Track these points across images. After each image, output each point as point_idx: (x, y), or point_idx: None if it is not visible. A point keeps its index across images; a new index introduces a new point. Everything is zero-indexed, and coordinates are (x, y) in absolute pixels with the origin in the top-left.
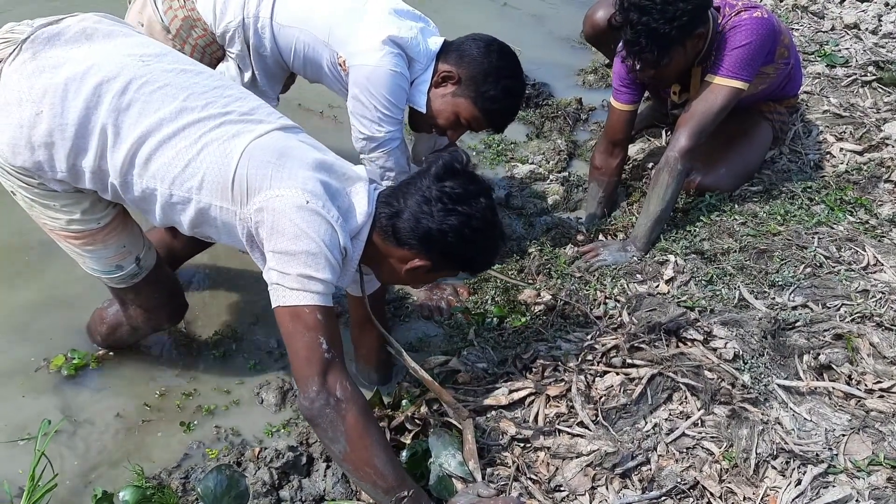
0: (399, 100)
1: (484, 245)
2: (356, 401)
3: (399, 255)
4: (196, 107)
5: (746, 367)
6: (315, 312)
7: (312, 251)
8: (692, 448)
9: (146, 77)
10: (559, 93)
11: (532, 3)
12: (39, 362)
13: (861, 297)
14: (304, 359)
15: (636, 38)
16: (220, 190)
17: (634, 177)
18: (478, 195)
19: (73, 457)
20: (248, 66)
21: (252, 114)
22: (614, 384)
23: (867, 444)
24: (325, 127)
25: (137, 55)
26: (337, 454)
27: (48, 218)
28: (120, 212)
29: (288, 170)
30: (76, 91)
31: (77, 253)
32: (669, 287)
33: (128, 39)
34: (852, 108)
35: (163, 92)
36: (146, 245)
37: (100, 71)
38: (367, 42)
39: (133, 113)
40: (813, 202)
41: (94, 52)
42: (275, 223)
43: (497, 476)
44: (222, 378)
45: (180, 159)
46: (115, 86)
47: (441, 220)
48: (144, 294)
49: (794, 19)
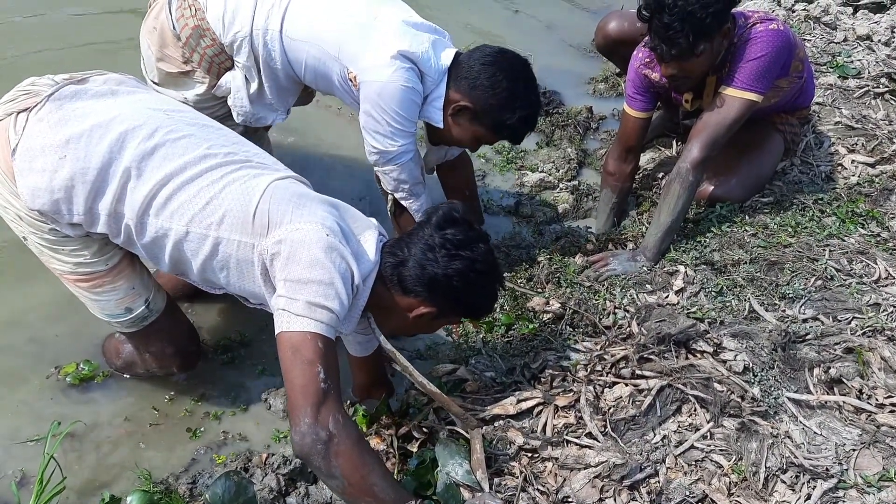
0: (411, 114)
1: (487, 289)
2: (349, 432)
3: (405, 304)
4: (219, 154)
5: (756, 380)
6: (317, 340)
7: (325, 281)
8: (701, 461)
9: (171, 126)
10: (570, 101)
11: (544, 11)
12: (50, 368)
13: (872, 311)
14: (300, 387)
15: (671, 22)
16: (241, 224)
17: (644, 186)
18: (478, 241)
19: (82, 460)
20: (255, 76)
21: (272, 165)
22: (623, 395)
23: (878, 460)
24: (340, 122)
25: (162, 109)
26: (335, 489)
27: (58, 262)
28: (128, 253)
29: (308, 207)
30: (101, 137)
31: (87, 297)
32: (679, 298)
33: (151, 97)
34: (864, 120)
35: (187, 140)
36: (155, 287)
37: (125, 120)
38: (378, 58)
39: (157, 157)
40: (824, 214)
41: (120, 105)
42: (292, 253)
43: (504, 486)
44: (230, 383)
45: (201, 197)
46: (140, 132)
47: (446, 266)
48: (154, 341)
49: (807, 30)
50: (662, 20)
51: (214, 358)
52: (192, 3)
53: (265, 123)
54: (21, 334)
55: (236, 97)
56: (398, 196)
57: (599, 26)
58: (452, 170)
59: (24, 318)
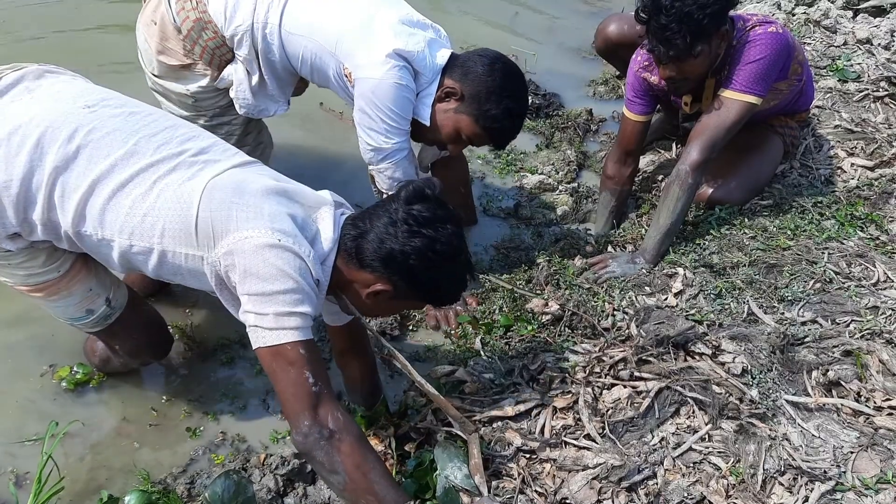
0: (405, 111)
1: (448, 273)
2: (350, 430)
3: (361, 279)
4: (147, 150)
5: (754, 382)
6: (297, 348)
7: (288, 288)
8: (699, 463)
9: (93, 124)
10: (569, 103)
11: (544, 14)
12: (45, 367)
13: (871, 314)
14: (293, 395)
15: (668, 23)
16: (184, 237)
17: (644, 189)
18: (445, 220)
19: (80, 460)
20: (256, 69)
21: (206, 152)
22: (622, 397)
23: (875, 462)
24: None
25: (81, 104)
26: (337, 486)
27: (6, 276)
28: (80, 255)
29: (252, 208)
30: (19, 146)
31: (44, 304)
32: (678, 300)
33: (71, 88)
34: (864, 124)
35: (111, 137)
36: (114, 284)
37: (42, 122)
38: (373, 55)
39: (81, 161)
40: (823, 217)
41: (36, 104)
42: (247, 266)
43: (502, 489)
44: (228, 384)
45: (137, 209)
46: (60, 135)
47: (405, 242)
48: (122, 336)
49: (807, 34)
50: (660, 21)
51: (213, 358)
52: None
53: (268, 115)
54: (19, 335)
55: (239, 90)
56: None
57: (599, 29)
58: (447, 168)
59: (21, 319)
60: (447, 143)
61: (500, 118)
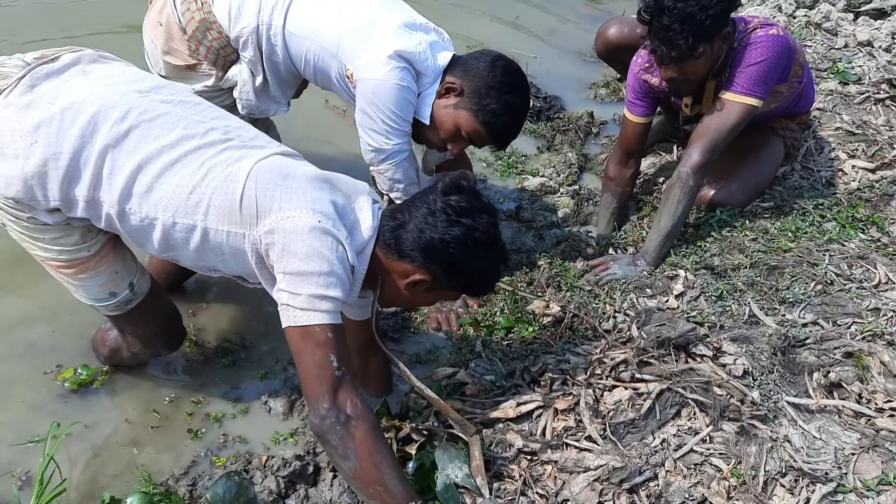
0: (406, 113)
1: (485, 262)
2: (366, 418)
3: (400, 270)
4: (197, 133)
5: (756, 384)
6: (326, 331)
7: (324, 271)
8: (700, 464)
9: (145, 107)
10: (570, 106)
11: (544, 17)
12: (49, 368)
13: (872, 316)
14: (315, 377)
15: (671, 24)
16: (228, 213)
17: (645, 191)
18: (482, 211)
19: (82, 461)
20: (260, 70)
21: (254, 141)
22: (623, 399)
23: (877, 464)
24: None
25: (135, 88)
26: (347, 472)
27: (39, 250)
28: (111, 238)
29: (296, 190)
30: (72, 120)
31: (70, 283)
32: (679, 302)
33: (125, 74)
34: (865, 126)
35: (162, 120)
36: (139, 270)
37: (97, 101)
38: (375, 56)
39: (131, 140)
40: (824, 219)
41: (91, 85)
42: (286, 244)
43: (504, 490)
44: (231, 386)
45: (184, 186)
46: (113, 114)
47: (444, 231)
48: (139, 322)
49: (808, 36)
50: (662, 22)
51: (215, 360)
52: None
53: (269, 115)
54: (22, 336)
55: (242, 91)
56: (393, 196)
57: (600, 32)
58: (452, 171)
59: (25, 321)
60: (447, 141)
61: (499, 113)
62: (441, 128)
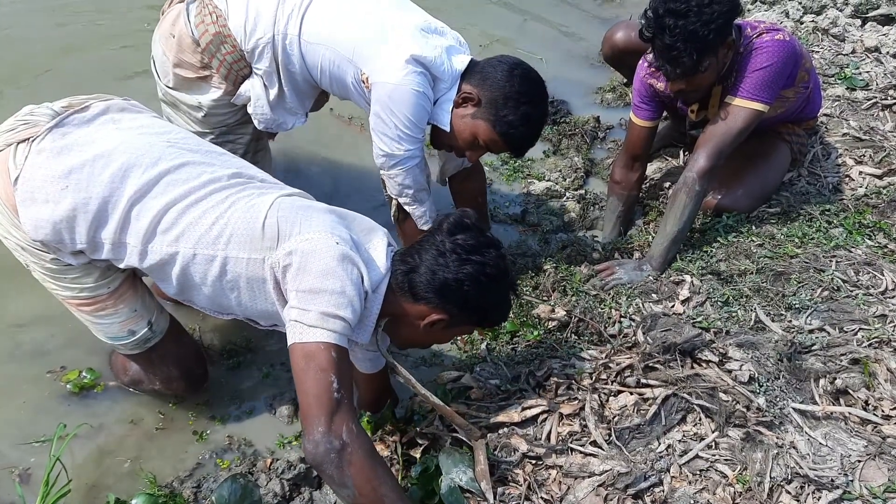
0: (420, 119)
1: (498, 294)
2: (362, 444)
3: (416, 312)
4: (222, 177)
5: (762, 390)
6: (330, 350)
7: (337, 290)
8: (705, 470)
9: (174, 155)
10: (577, 110)
11: (551, 21)
12: (55, 369)
13: (879, 322)
14: (314, 397)
15: (674, 43)
16: (250, 240)
17: (651, 196)
18: (489, 246)
19: (87, 462)
20: (275, 82)
21: (276, 185)
22: (628, 404)
23: (883, 471)
24: (350, 131)
25: (165, 139)
26: (345, 499)
27: (60, 289)
28: (129, 276)
29: (316, 218)
30: (103, 167)
31: (89, 320)
32: (685, 307)
33: (153, 123)
34: (872, 132)
35: (191, 167)
36: (157, 309)
37: (128, 150)
38: (391, 60)
39: (161, 186)
40: (831, 225)
41: (122, 133)
42: (303, 263)
43: (508, 495)
44: (236, 388)
45: (207, 218)
46: (143, 161)
47: (457, 270)
48: (159, 364)
49: (815, 42)
50: (664, 41)
51: (221, 363)
52: (214, 10)
53: (286, 128)
54: (27, 337)
55: (257, 105)
56: (402, 201)
57: (606, 36)
58: (467, 179)
59: (31, 322)
60: (465, 149)
61: (516, 124)
62: (459, 136)
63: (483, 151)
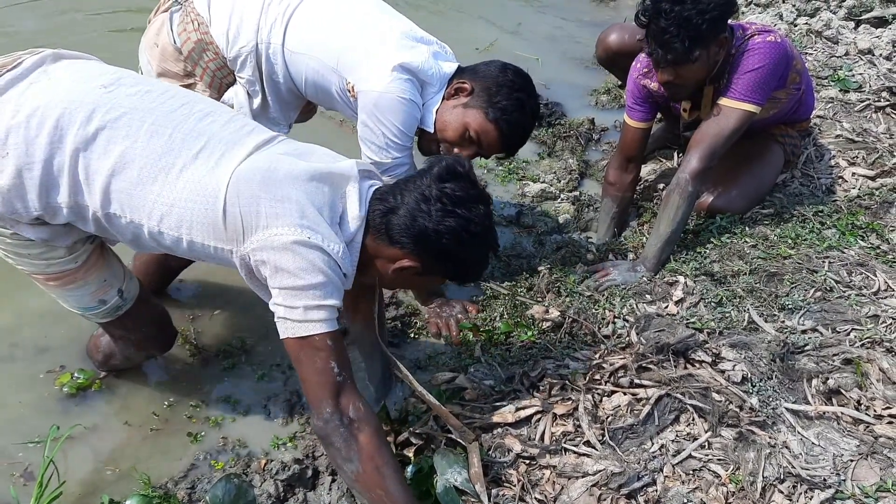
0: (408, 126)
1: (477, 253)
2: (369, 421)
3: (389, 255)
4: (166, 130)
5: (754, 390)
6: (324, 339)
7: (318, 282)
8: (699, 470)
9: (110, 104)
10: (572, 112)
11: (546, 23)
12: (48, 371)
13: (871, 323)
14: (317, 383)
15: (667, 27)
16: (212, 230)
17: (645, 197)
18: (477, 201)
19: (81, 464)
20: (258, 91)
21: (229, 133)
22: (621, 404)
23: (875, 471)
24: (343, 133)
25: (98, 84)
26: (349, 474)
27: (25, 265)
28: (97, 246)
29: (280, 202)
30: (38, 127)
31: (58, 294)
32: (678, 308)
33: (87, 70)
34: (865, 134)
35: (129, 117)
36: (127, 276)
37: (59, 103)
38: (376, 68)
39: (100, 142)
40: (824, 226)
41: (53, 87)
42: (277, 262)
43: (502, 496)
44: (230, 390)
45: (164, 198)
46: (77, 116)
47: (439, 221)
48: (130, 327)
49: (808, 44)
50: (659, 24)
51: (215, 364)
52: (196, 18)
53: None
54: (22, 338)
55: (239, 113)
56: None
57: (600, 38)
58: None
59: (24, 323)
60: (454, 146)
61: (510, 109)
62: (448, 129)
63: (473, 149)
